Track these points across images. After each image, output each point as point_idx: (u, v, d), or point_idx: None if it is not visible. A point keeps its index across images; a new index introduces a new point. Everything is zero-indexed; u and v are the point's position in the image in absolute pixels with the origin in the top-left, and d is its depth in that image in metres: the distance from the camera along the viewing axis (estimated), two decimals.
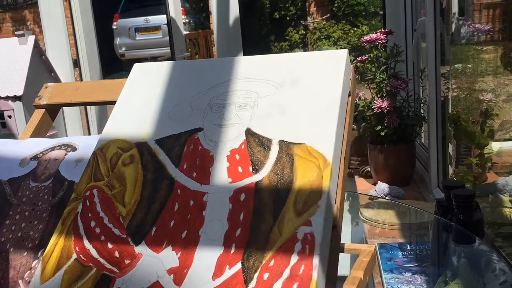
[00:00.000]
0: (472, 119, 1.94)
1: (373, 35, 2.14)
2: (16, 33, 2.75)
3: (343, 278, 0.68)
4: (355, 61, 2.25)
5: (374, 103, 2.08)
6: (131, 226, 0.64)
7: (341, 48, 6.81)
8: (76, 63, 3.38)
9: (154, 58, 8.59)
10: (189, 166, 0.67)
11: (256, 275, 0.56)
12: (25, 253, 0.71)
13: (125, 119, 0.76)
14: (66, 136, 3.11)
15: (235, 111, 0.71)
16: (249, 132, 0.68)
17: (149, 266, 0.61)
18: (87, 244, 0.64)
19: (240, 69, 0.76)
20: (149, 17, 8.95)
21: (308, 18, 7.78)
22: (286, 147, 0.65)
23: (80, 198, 0.68)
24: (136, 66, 0.84)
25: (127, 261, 0.62)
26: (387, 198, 1.97)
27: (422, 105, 2.20)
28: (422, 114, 2.19)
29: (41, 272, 0.63)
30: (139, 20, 9.01)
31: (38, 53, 2.76)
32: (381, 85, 2.12)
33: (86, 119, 3.44)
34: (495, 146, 1.88)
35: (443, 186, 1.42)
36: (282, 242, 0.58)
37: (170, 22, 3.66)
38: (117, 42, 9.15)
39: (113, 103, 0.81)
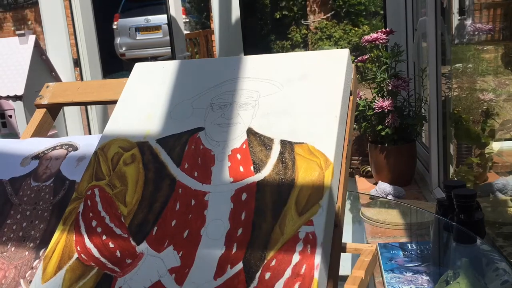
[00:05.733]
0: (473, 118, 1.94)
1: (374, 35, 2.14)
2: (17, 32, 2.75)
3: (345, 277, 0.68)
4: (356, 60, 2.25)
5: (375, 102, 2.08)
6: (133, 225, 0.64)
7: (342, 47, 6.81)
8: (76, 63, 3.38)
9: (154, 58, 8.59)
10: (190, 165, 0.67)
11: (257, 274, 0.56)
12: (27, 253, 0.71)
13: (126, 118, 0.75)
14: (67, 135, 3.11)
15: (236, 110, 0.71)
16: (250, 132, 0.68)
17: (150, 265, 0.61)
18: (88, 244, 0.64)
19: (241, 69, 0.76)
20: (150, 17, 8.95)
21: (309, 18, 7.78)
22: (287, 146, 0.65)
23: (81, 197, 0.68)
24: (137, 65, 0.83)
25: (128, 261, 0.62)
26: (388, 197, 1.97)
27: (423, 104, 2.19)
28: (423, 114, 2.19)
29: (43, 272, 0.63)
30: (140, 20, 9.02)
31: (39, 53, 2.76)
32: (382, 85, 2.12)
33: (86, 119, 3.44)
34: (496, 145, 1.88)
35: (444, 185, 1.42)
36: (284, 242, 0.58)
37: (170, 22, 3.66)
38: (118, 42, 9.16)
39: (114, 102, 0.81)
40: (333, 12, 7.54)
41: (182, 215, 0.63)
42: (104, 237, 0.64)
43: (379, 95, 2.13)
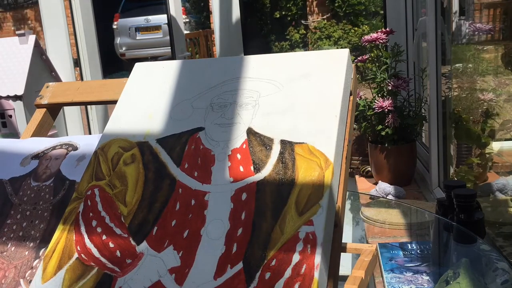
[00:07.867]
0: (473, 118, 1.94)
1: (374, 35, 2.14)
2: (17, 32, 2.74)
3: (345, 277, 0.68)
4: (355, 60, 2.25)
5: (375, 102, 2.08)
6: (133, 225, 0.64)
7: (341, 47, 6.80)
8: (76, 63, 3.37)
9: (154, 58, 8.59)
10: (190, 165, 0.67)
11: (257, 274, 0.56)
12: (27, 252, 0.71)
13: (126, 118, 0.75)
14: (67, 135, 3.10)
15: (236, 110, 0.71)
16: (250, 132, 0.68)
17: (150, 265, 0.61)
18: (88, 244, 0.64)
19: (241, 69, 0.76)
20: (150, 17, 8.95)
21: (309, 18, 7.78)
22: (287, 146, 0.65)
23: (81, 197, 0.68)
24: (137, 65, 0.83)
25: (128, 261, 0.62)
26: (388, 197, 1.97)
27: (423, 104, 2.19)
28: (423, 114, 2.19)
29: (43, 271, 0.63)
30: (140, 20, 9.02)
31: (39, 53, 2.76)
32: (382, 85, 2.12)
33: (86, 119, 3.44)
34: (495, 145, 1.88)
35: (444, 185, 1.42)
36: (284, 242, 0.58)
37: (170, 22, 3.66)
38: (118, 42, 9.16)
39: (114, 102, 0.81)
40: (332, 12, 7.55)
41: (182, 215, 0.63)
42: (104, 237, 0.64)
43: (379, 95, 2.13)
